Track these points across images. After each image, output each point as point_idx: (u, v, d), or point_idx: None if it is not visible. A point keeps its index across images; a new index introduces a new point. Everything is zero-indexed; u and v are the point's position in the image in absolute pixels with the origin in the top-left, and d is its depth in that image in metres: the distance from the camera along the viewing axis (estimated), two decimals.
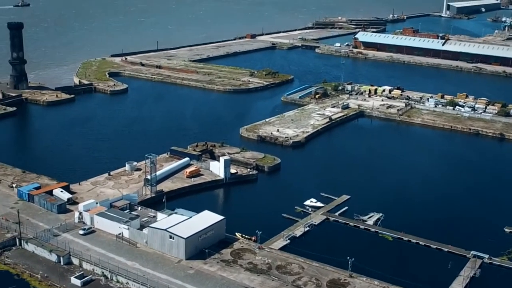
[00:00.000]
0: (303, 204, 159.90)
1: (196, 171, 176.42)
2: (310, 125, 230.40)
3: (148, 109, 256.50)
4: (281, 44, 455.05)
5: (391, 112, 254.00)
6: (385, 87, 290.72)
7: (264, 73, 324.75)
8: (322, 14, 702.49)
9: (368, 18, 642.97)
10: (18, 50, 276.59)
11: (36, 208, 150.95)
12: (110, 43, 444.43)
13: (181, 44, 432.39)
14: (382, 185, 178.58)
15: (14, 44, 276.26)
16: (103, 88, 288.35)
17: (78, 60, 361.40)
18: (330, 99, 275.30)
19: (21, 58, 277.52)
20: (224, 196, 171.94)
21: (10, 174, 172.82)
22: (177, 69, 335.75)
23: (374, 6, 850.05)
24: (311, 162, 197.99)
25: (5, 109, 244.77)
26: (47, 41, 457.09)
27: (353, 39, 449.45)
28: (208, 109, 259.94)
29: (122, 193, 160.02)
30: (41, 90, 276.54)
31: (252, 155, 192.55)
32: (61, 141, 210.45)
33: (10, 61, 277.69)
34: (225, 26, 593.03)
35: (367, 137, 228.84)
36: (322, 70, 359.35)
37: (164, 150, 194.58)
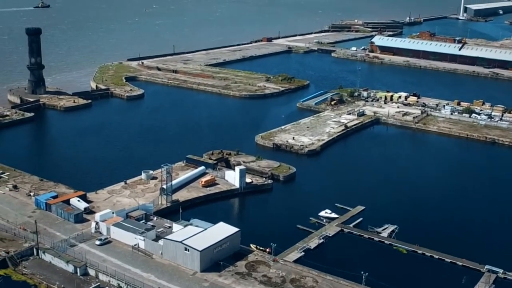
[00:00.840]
0: (318, 215, 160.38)
1: (212, 181, 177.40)
2: (326, 133, 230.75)
3: (164, 115, 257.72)
4: (297, 48, 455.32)
5: (406, 120, 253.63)
6: (401, 93, 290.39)
7: (280, 78, 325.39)
8: (339, 16, 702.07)
9: (384, 20, 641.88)
10: (36, 56, 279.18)
11: (53, 217, 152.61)
12: (127, 47, 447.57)
13: (198, 47, 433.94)
14: (397, 195, 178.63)
15: (32, 49, 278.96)
16: (119, 93, 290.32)
17: (95, 64, 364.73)
18: (346, 105, 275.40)
19: (39, 63, 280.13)
20: (239, 206, 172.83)
21: (28, 182, 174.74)
22: (193, 73, 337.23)
23: (391, 8, 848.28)
24: (326, 171, 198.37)
25: (23, 115, 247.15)
26: (65, 44, 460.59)
27: (369, 43, 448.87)
28: (224, 116, 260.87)
29: (138, 203, 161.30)
30: (58, 95, 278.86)
31: (267, 164, 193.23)
32: (78, 148, 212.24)
33: (28, 66, 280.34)
34: (241, 28, 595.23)
35: (383, 145, 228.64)
36: (338, 75, 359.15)
37: (180, 158, 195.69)
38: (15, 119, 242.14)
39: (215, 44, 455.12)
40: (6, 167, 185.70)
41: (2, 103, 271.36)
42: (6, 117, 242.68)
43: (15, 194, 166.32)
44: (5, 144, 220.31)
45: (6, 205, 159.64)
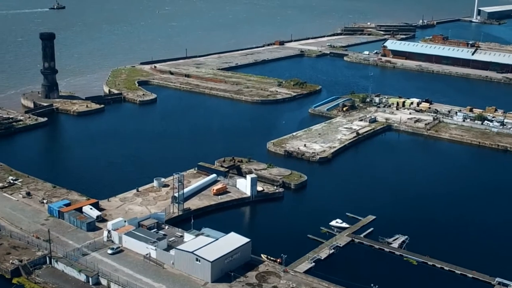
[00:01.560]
0: (329, 225, 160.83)
1: (223, 189, 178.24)
2: (337, 140, 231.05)
3: (176, 121, 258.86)
4: (309, 51, 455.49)
5: (418, 127, 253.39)
6: (413, 99, 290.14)
7: (292, 83, 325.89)
8: (351, 18, 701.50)
9: (397, 23, 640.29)
10: (50, 60, 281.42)
11: (66, 225, 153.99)
12: (139, 50, 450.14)
13: (210, 51, 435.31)
14: (408, 204, 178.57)
15: (46, 54, 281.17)
16: (132, 97, 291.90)
17: (108, 68, 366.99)
18: (358, 111, 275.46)
19: (52, 68, 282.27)
20: (250, 215, 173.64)
21: (41, 189, 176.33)
22: (205, 78, 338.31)
23: (403, 10, 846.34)
24: (338, 179, 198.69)
25: (36, 120, 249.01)
26: (78, 47, 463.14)
27: (382, 47, 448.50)
28: (236, 121, 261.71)
29: (150, 211, 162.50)
30: (71, 100, 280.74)
31: (278, 172, 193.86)
32: (90, 154, 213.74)
33: (42, 71, 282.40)
34: (254, 31, 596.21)
35: (394, 152, 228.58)
36: (350, 80, 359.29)
37: (191, 165, 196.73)
38: (29, 124, 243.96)
39: (228, 48, 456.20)
40: (19, 173, 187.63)
41: (16, 107, 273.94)
42: (20, 122, 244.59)
43: (28, 201, 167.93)
44: (19, 150, 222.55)
45: (19, 212, 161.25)
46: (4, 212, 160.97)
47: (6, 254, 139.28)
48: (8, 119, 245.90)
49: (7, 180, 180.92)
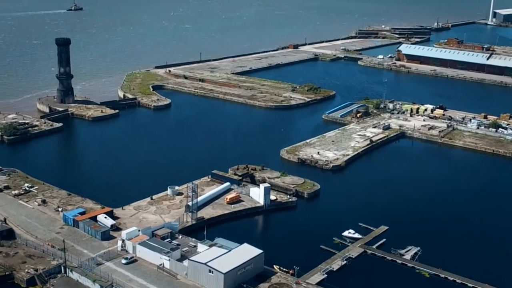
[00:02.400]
0: (341, 235, 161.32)
1: (237, 198, 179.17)
2: (351, 148, 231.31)
3: (190, 127, 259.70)
4: (323, 55, 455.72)
5: (432, 134, 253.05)
6: (427, 106, 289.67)
7: (306, 89, 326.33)
8: (366, 21, 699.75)
9: (412, 26, 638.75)
10: (65, 66, 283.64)
11: (80, 234, 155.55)
12: (154, 53, 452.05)
13: (224, 54, 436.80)
14: (421, 214, 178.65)
15: (62, 59, 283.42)
16: (146, 103, 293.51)
17: (123, 71, 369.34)
18: (372, 118, 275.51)
19: (68, 73, 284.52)
20: (263, 224, 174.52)
21: (56, 197, 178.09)
22: (219, 82, 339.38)
23: (418, 13, 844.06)
24: (350, 188, 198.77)
25: (51, 125, 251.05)
26: (94, 49, 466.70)
27: (396, 51, 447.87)
28: (250, 127, 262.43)
29: (164, 220, 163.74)
30: (86, 105, 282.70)
31: (292, 180, 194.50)
32: (105, 161, 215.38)
33: (57, 76, 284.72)
34: (268, 33, 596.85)
35: (407, 160, 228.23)
36: (364, 85, 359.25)
37: (205, 172, 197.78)
38: (44, 130, 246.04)
39: (242, 51, 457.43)
40: (35, 180, 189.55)
41: (32, 112, 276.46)
42: (36, 127, 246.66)
43: (43, 209, 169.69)
44: (34, 156, 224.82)
45: (35, 220, 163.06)
46: (20, 220, 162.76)
47: (22, 263, 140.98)
48: (24, 124, 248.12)
49: (23, 187, 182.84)
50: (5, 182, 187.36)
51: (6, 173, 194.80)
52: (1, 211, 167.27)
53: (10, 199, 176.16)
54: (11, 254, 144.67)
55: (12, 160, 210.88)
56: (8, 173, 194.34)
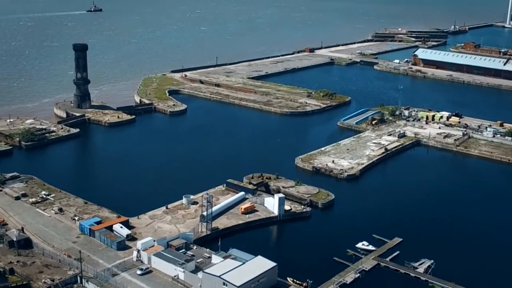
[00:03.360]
0: (355, 247, 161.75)
1: (251, 208, 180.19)
2: (366, 156, 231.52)
3: (206, 133, 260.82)
4: (339, 59, 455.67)
5: (447, 142, 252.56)
6: (443, 113, 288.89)
7: (321, 94, 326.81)
8: (383, 23, 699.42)
9: (428, 29, 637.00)
10: (82, 71, 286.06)
11: (96, 244, 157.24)
12: (171, 56, 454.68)
13: (240, 58, 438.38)
14: (435, 226, 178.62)
15: (79, 65, 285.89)
16: (162, 108, 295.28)
17: (140, 75, 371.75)
18: (387, 125, 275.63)
19: (85, 78, 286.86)
20: (277, 235, 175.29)
21: (72, 205, 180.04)
22: (235, 87, 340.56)
23: (435, 15, 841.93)
24: (365, 198, 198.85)
25: (68, 131, 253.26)
26: (111, 52, 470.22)
27: (412, 56, 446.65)
28: (265, 134, 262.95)
29: (179, 230, 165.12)
30: (103, 110, 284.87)
31: (306, 190, 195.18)
32: (120, 168, 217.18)
33: (75, 81, 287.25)
34: (284, 36, 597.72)
35: (422, 169, 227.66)
36: (380, 90, 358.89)
37: (220, 181, 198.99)
38: (61, 135, 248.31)
39: (258, 55, 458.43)
40: (52, 188, 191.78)
41: (49, 116, 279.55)
42: (53, 133, 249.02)
43: (60, 218, 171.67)
44: (52, 162, 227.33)
45: (51, 229, 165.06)
46: (37, 228, 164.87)
47: (39, 273, 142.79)
48: (41, 130, 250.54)
49: (40, 195, 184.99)
50: (22, 189, 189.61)
51: (24, 180, 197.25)
52: (19, 220, 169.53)
53: (27, 207, 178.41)
54: (28, 264, 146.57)
55: (29, 167, 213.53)
56: (25, 180, 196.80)
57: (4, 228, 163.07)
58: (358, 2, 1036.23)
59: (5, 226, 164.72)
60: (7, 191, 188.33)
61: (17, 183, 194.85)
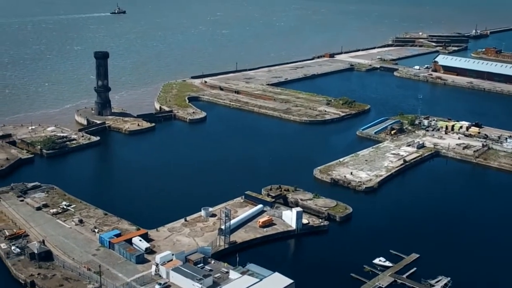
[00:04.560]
0: (372, 263, 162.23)
1: (269, 221, 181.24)
2: (384, 168, 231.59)
3: (225, 142, 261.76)
4: (359, 65, 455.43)
5: (467, 154, 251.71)
6: (463, 123, 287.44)
7: (341, 102, 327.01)
8: (404, 27, 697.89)
9: (449, 34, 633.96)
10: (103, 79, 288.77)
11: (116, 257, 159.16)
12: (191, 60, 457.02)
13: (260, 63, 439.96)
14: (453, 241, 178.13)
15: (100, 72, 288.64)
16: (182, 115, 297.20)
17: (160, 81, 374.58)
18: (406, 135, 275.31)
19: (105, 86, 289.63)
20: (295, 249, 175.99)
21: (92, 216, 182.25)
22: (255, 94, 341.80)
23: (456, 17, 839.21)
24: (382, 211, 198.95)
25: (89, 139, 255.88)
26: (132, 56, 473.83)
27: (432, 62, 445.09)
28: (284, 143, 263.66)
29: (197, 243, 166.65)
30: (123, 118, 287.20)
31: (324, 203, 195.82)
32: (140, 178, 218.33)
33: (96, 89, 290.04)
34: (304, 40, 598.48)
35: (441, 182, 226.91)
36: (400, 99, 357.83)
37: (239, 192, 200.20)
38: (82, 144, 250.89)
39: (278, 60, 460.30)
40: (72, 198, 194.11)
41: (70, 123, 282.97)
42: (74, 141, 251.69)
43: (80, 229, 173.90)
44: (72, 171, 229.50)
45: (72, 241, 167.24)
46: (57, 240, 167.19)
47: (59, 286, 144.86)
48: (62, 138, 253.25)
49: (61, 206, 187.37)
50: (43, 199, 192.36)
51: (45, 190, 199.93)
52: (40, 231, 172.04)
53: (48, 217, 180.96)
54: (49, 277, 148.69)
55: (50, 176, 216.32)
56: (47, 190, 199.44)
57: (26, 240, 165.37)
58: (379, 4, 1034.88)
59: (26, 238, 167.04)
60: (28, 201, 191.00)
61: (38, 193, 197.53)
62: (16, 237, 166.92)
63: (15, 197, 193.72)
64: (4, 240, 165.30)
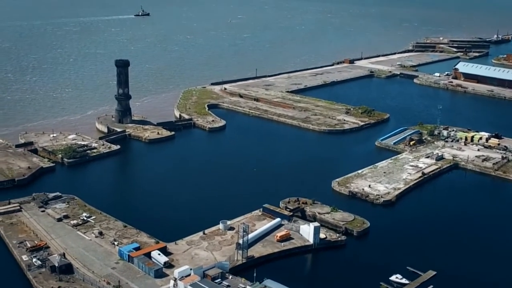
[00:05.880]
0: (389, 279, 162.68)
1: (287, 235, 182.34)
2: (402, 180, 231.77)
3: (244, 152, 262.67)
4: (379, 72, 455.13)
5: (486, 166, 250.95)
6: (482, 134, 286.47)
7: (360, 111, 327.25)
8: (424, 31, 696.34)
9: (470, 38, 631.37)
10: (124, 87, 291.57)
11: (135, 270, 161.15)
12: (211, 66, 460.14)
13: (280, 69, 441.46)
14: (470, 258, 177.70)
15: (120, 80, 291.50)
16: (202, 124, 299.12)
17: (180, 87, 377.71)
18: (425, 146, 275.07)
19: (126, 94, 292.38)
20: (312, 265, 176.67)
21: (112, 228, 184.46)
22: (274, 102, 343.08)
23: (478, 21, 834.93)
24: (400, 226, 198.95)
25: (109, 148, 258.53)
26: (153, 61, 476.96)
27: (453, 69, 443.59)
28: (303, 154, 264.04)
29: (215, 258, 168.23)
30: (143, 126, 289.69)
31: (342, 217, 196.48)
32: (158, 189, 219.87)
33: (116, 96, 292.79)
34: (324, 44, 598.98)
35: (460, 195, 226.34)
36: (420, 107, 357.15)
37: (257, 205, 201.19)
38: (102, 152, 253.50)
39: (297, 66, 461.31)
40: (93, 209, 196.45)
41: (91, 130, 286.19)
42: (94, 150, 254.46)
43: (100, 242, 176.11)
44: (93, 180, 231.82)
45: (92, 253, 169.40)
46: (78, 252, 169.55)
47: None
48: (83, 146, 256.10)
49: (81, 217, 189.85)
50: (64, 210, 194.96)
51: (66, 200, 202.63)
52: (60, 242, 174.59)
53: (69, 229, 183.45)
54: None
55: (71, 185, 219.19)
56: (67, 201, 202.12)
57: (47, 252, 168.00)
58: (399, 7, 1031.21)
59: (47, 250, 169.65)
60: (49, 212, 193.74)
61: (59, 204, 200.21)
62: (37, 249, 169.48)
63: (37, 208, 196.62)
64: (26, 252, 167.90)
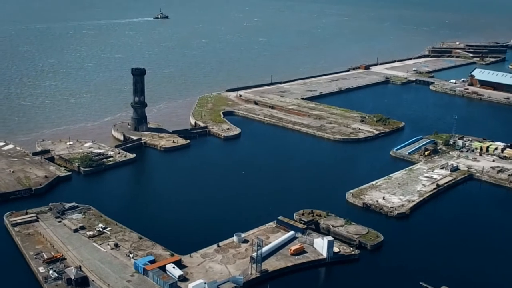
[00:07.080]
0: None
1: (300, 249, 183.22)
2: (417, 192, 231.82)
3: (258, 162, 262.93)
4: (394, 78, 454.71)
5: (501, 178, 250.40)
6: (498, 144, 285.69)
7: (375, 119, 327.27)
8: (441, 35, 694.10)
9: (487, 43, 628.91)
10: (140, 95, 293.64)
11: (150, 284, 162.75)
12: (227, 72, 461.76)
13: (295, 75, 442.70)
14: (483, 273, 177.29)
15: (137, 89, 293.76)
16: (217, 132, 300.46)
17: (196, 93, 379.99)
18: (440, 156, 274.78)
19: (142, 102, 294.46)
20: (325, 279, 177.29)
21: (128, 240, 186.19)
22: (289, 110, 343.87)
23: (495, 24, 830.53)
24: (414, 240, 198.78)
25: (125, 156, 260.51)
26: (170, 66, 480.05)
27: (469, 76, 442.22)
28: (317, 163, 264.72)
29: (229, 271, 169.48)
30: (159, 134, 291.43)
31: (355, 230, 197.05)
32: (174, 200, 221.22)
33: (132, 104, 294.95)
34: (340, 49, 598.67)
35: (474, 208, 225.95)
36: (436, 116, 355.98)
37: (271, 217, 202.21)
38: (118, 161, 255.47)
39: (313, 72, 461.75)
40: (108, 220, 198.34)
41: (107, 138, 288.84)
42: (110, 158, 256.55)
43: (116, 254, 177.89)
44: (109, 190, 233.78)
45: (107, 266, 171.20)
46: (93, 264, 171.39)
47: None
48: (99, 155, 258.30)
49: (97, 228, 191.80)
50: (80, 221, 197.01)
51: (82, 210, 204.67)
52: (77, 254, 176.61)
53: (85, 240, 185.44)
54: None
55: (87, 195, 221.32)
56: (83, 211, 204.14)
57: (63, 264, 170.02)
58: (417, 10, 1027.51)
59: (63, 261, 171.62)
60: (66, 222, 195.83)
61: (76, 214, 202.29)
62: (53, 260, 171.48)
63: (53, 218, 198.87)
64: (42, 264, 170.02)
